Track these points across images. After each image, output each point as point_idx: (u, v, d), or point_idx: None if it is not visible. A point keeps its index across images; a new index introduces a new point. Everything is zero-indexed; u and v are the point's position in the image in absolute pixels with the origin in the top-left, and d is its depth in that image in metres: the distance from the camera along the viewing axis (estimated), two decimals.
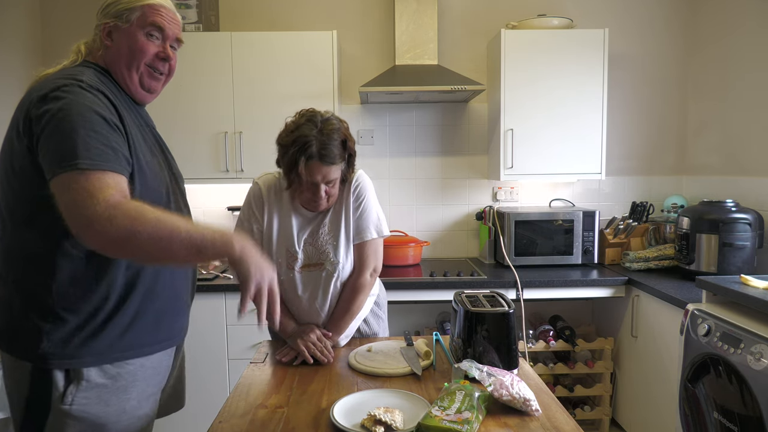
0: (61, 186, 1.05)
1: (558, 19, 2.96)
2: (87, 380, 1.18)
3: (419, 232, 3.32)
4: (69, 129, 1.07)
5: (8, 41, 2.85)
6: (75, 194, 1.03)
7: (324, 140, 1.52)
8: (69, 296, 1.16)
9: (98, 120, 1.11)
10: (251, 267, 1.12)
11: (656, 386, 2.51)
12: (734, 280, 2.07)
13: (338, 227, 1.67)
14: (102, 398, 1.20)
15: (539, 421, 1.22)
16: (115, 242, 1.04)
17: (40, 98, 1.11)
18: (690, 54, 3.25)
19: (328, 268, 1.68)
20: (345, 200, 1.67)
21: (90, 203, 1.02)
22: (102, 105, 1.15)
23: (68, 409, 1.16)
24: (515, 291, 2.72)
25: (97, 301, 1.18)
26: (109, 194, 1.04)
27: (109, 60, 1.28)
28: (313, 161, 1.52)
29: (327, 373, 1.53)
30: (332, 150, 1.53)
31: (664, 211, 3.14)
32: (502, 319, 1.45)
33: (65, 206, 1.05)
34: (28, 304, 1.17)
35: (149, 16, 1.27)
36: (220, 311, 2.66)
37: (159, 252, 1.06)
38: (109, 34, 1.27)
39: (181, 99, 2.81)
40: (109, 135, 1.12)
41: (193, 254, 1.08)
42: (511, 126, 2.92)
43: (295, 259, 1.67)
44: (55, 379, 1.16)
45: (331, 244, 1.66)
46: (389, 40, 3.17)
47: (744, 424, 1.77)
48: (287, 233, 1.67)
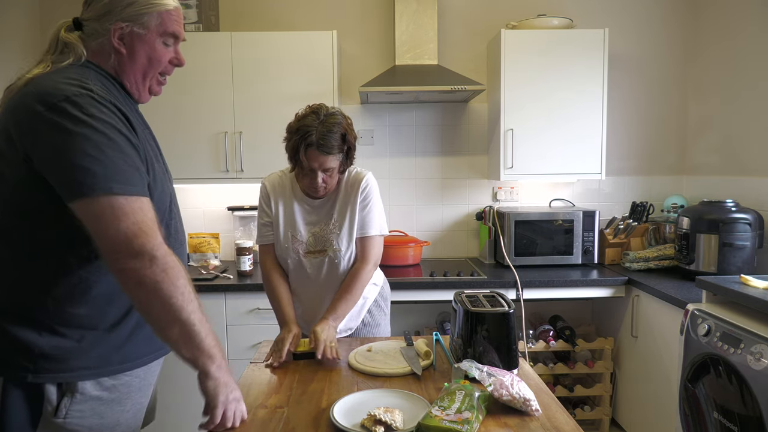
0: (93, 209, 1.03)
1: (558, 19, 2.96)
2: (81, 393, 1.13)
3: (419, 232, 3.32)
4: (95, 149, 1.03)
5: (8, 41, 2.85)
6: (120, 222, 1.02)
7: (324, 131, 1.65)
8: (66, 312, 1.11)
9: (122, 140, 1.08)
10: (220, 387, 1.16)
11: (656, 386, 2.50)
12: (734, 280, 2.07)
13: (344, 219, 1.81)
14: (96, 411, 1.16)
15: (539, 421, 1.22)
16: (143, 285, 1.05)
17: (47, 107, 1.03)
18: (690, 54, 3.24)
19: (330, 254, 1.81)
20: (353, 197, 1.81)
21: (142, 237, 1.03)
22: (119, 121, 1.10)
23: (62, 423, 1.12)
24: (515, 291, 2.72)
25: (97, 317, 1.15)
26: (157, 235, 1.06)
27: (121, 67, 1.20)
28: (311, 149, 1.65)
29: (327, 373, 1.53)
30: (330, 141, 1.65)
31: (664, 211, 3.14)
32: (502, 319, 1.45)
33: (104, 229, 1.03)
34: (21, 319, 1.10)
35: (168, 25, 1.20)
36: (220, 311, 2.66)
37: (164, 319, 1.08)
38: (121, 38, 1.17)
39: (181, 99, 2.80)
40: (134, 156, 1.10)
41: (182, 343, 1.10)
42: (511, 126, 2.92)
43: (301, 243, 1.82)
44: (46, 393, 1.10)
45: (335, 233, 1.81)
46: (389, 40, 3.17)
47: (744, 424, 1.77)
48: (292, 220, 1.83)
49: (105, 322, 1.16)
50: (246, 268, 2.85)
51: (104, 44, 1.18)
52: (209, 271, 2.86)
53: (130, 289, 1.07)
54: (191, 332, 1.10)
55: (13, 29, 2.90)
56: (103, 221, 1.02)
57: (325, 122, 1.66)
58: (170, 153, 1.61)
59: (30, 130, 1.05)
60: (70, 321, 1.12)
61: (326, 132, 1.65)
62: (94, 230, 1.04)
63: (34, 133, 1.04)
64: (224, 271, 2.89)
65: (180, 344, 1.10)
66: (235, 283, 2.66)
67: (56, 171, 1.04)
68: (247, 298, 2.66)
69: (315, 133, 1.64)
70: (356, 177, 1.83)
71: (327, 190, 1.77)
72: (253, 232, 3.09)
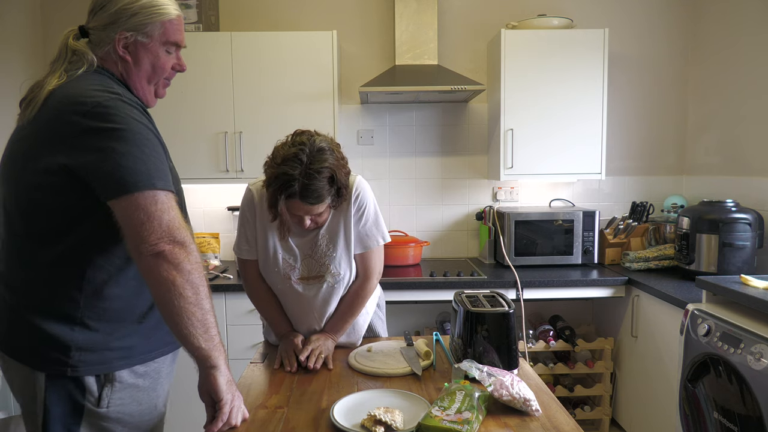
0: (139, 203, 1.07)
1: (558, 19, 2.96)
2: (120, 381, 1.19)
3: (419, 232, 3.32)
4: (136, 148, 1.09)
5: (8, 41, 2.85)
6: (164, 214, 1.09)
7: (306, 182, 1.39)
8: (96, 307, 1.16)
9: (154, 139, 1.15)
10: (231, 383, 1.21)
11: (656, 386, 2.50)
12: (734, 280, 2.07)
13: (337, 237, 1.60)
14: (135, 398, 1.22)
15: (539, 421, 1.22)
16: (181, 271, 1.09)
17: (82, 114, 1.09)
18: (690, 54, 3.24)
19: (329, 280, 1.62)
20: (345, 209, 1.58)
21: (183, 230, 1.11)
22: (148, 121, 1.17)
23: (105, 412, 1.18)
24: (515, 291, 2.72)
25: (126, 310, 1.20)
26: (189, 229, 1.15)
27: (126, 73, 1.26)
28: (293, 200, 1.42)
29: (327, 374, 1.53)
30: (316, 190, 1.41)
31: (664, 211, 3.14)
32: (502, 319, 1.45)
33: (147, 220, 1.07)
34: (55, 316, 1.15)
35: (171, 34, 1.26)
36: (220, 311, 2.66)
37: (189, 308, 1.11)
38: (126, 47, 1.23)
39: (182, 99, 2.80)
40: (163, 154, 1.17)
41: (201, 334, 1.13)
42: (511, 126, 2.92)
43: (293, 269, 1.61)
44: (87, 384, 1.16)
45: (330, 255, 1.60)
46: (389, 40, 3.17)
47: (744, 424, 1.77)
48: (284, 243, 1.60)
49: (134, 315, 1.22)
50: None
51: (110, 52, 1.23)
52: (209, 271, 2.86)
53: (163, 273, 1.09)
54: (209, 324, 1.14)
55: (13, 29, 2.90)
56: (147, 213, 1.08)
57: (309, 167, 1.39)
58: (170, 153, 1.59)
59: (67, 138, 1.10)
60: (101, 315, 1.17)
61: (309, 182, 1.39)
62: (137, 221, 1.07)
63: (73, 140, 1.09)
64: (224, 271, 2.89)
65: (199, 334, 1.13)
66: (235, 283, 2.66)
67: (100, 173, 1.08)
68: (247, 299, 2.64)
69: (296, 184, 1.39)
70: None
71: (320, 224, 1.58)
72: None
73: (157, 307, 1.15)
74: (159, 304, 1.13)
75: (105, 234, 1.14)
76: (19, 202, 1.17)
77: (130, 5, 1.21)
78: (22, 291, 1.18)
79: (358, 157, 3.24)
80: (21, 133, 1.18)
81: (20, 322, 1.17)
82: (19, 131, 1.19)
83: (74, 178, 1.10)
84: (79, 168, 1.09)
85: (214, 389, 1.17)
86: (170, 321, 1.13)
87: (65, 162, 1.09)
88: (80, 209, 1.13)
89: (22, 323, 1.17)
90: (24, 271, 1.18)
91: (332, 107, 2.84)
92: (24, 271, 1.18)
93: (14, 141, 1.20)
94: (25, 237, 1.17)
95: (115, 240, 1.14)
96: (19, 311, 1.18)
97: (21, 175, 1.16)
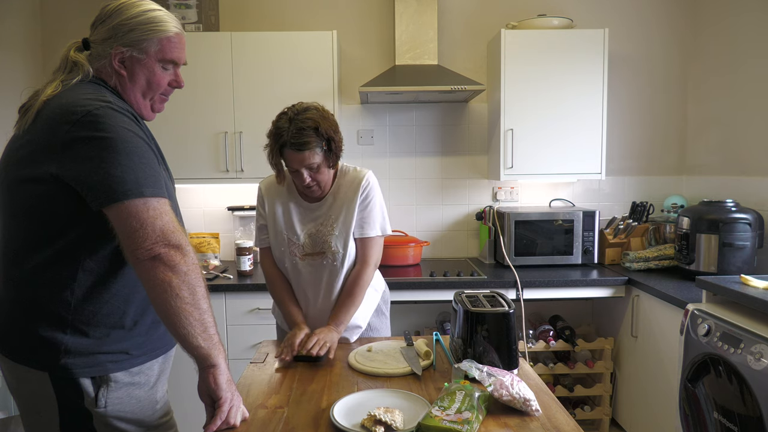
0: (130, 210, 1.09)
1: (558, 19, 2.96)
2: (115, 381, 1.19)
3: (419, 232, 3.32)
4: (125, 156, 1.10)
5: (8, 42, 2.85)
6: (157, 220, 1.10)
7: (294, 130, 1.62)
8: (86, 311, 1.17)
9: (144, 146, 1.15)
10: (230, 381, 1.21)
11: (656, 386, 2.50)
12: (734, 280, 2.07)
13: (339, 217, 1.77)
14: (133, 395, 1.23)
15: (539, 421, 1.22)
16: (177, 273, 1.10)
17: (72, 123, 1.09)
18: (690, 54, 3.24)
19: (329, 257, 1.77)
20: (353, 197, 1.77)
21: (178, 234, 1.12)
22: (138, 129, 1.17)
23: (103, 412, 1.18)
24: (515, 291, 2.72)
25: (117, 315, 1.20)
26: (185, 233, 1.16)
27: (121, 87, 1.26)
28: (286, 149, 1.65)
29: (327, 373, 1.53)
30: (303, 137, 1.62)
31: (664, 211, 3.14)
32: (502, 319, 1.45)
33: (140, 227, 1.08)
34: (47, 319, 1.16)
35: (167, 51, 1.26)
36: (220, 311, 2.66)
37: (187, 309, 1.12)
38: (122, 62, 1.24)
39: (182, 99, 2.79)
40: (154, 160, 1.17)
41: (199, 333, 1.14)
42: (511, 126, 2.92)
43: (297, 246, 1.78)
44: (83, 386, 1.17)
45: (332, 234, 1.76)
46: (389, 40, 3.17)
47: (744, 424, 1.77)
48: (288, 222, 1.80)
49: (124, 321, 1.21)
50: (246, 268, 2.85)
51: (106, 66, 1.25)
52: (209, 271, 2.86)
53: (159, 275, 1.10)
54: (208, 323, 1.15)
55: (13, 30, 2.90)
56: (139, 220, 1.09)
57: (295, 120, 1.64)
58: (170, 153, 1.62)
59: (58, 147, 1.10)
60: (91, 319, 1.17)
61: (298, 129, 1.62)
62: (130, 228, 1.09)
63: (63, 149, 1.10)
64: (224, 271, 2.89)
65: (197, 334, 1.13)
66: (235, 283, 2.66)
67: (90, 182, 1.09)
68: (247, 298, 2.66)
69: (286, 134, 1.63)
70: (356, 176, 1.80)
71: (322, 188, 1.74)
72: (253, 232, 3.09)
73: (154, 310, 1.15)
74: (156, 306, 1.13)
75: (97, 238, 1.15)
76: (13, 209, 1.18)
77: (128, 21, 1.22)
78: (16, 293, 1.19)
79: (358, 157, 3.24)
80: (17, 141, 1.19)
81: (15, 324, 1.18)
82: (16, 140, 1.20)
83: (66, 186, 1.11)
84: (70, 178, 1.10)
85: (213, 387, 1.17)
86: (168, 322, 1.13)
87: (57, 172, 1.10)
88: (73, 215, 1.14)
89: (17, 325, 1.18)
90: (18, 274, 1.18)
91: (332, 107, 2.83)
92: (18, 274, 1.18)
93: (10, 149, 1.21)
94: (18, 241, 1.18)
95: (105, 244, 1.16)
96: (13, 313, 1.19)
97: (15, 182, 1.17)
